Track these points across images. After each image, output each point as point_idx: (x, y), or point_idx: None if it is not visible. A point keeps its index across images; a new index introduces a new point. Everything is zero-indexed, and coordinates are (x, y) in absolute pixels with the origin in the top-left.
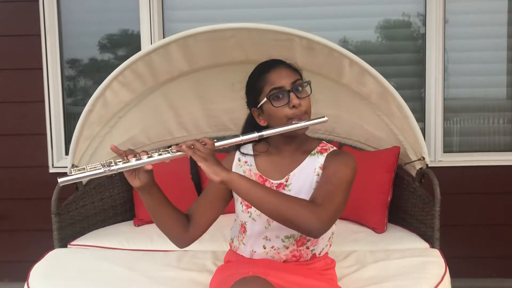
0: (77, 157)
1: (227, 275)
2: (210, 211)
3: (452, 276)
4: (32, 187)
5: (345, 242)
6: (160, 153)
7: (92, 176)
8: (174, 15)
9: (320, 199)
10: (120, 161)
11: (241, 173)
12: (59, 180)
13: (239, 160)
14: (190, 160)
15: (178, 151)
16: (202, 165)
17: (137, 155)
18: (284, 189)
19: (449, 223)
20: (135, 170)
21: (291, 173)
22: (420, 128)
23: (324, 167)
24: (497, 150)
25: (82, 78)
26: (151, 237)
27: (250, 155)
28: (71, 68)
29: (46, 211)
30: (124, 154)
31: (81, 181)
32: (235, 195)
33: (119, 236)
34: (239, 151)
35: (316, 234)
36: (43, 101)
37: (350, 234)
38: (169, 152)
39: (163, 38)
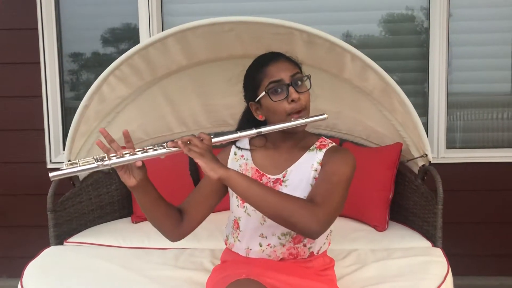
0: (73, 153)
1: (222, 277)
2: (204, 206)
3: (453, 273)
4: (30, 183)
5: (345, 240)
6: (155, 148)
7: (85, 171)
8: (173, 9)
9: (319, 199)
10: (114, 156)
11: (237, 167)
12: (50, 174)
13: (235, 154)
14: None
15: (174, 146)
16: (199, 161)
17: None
18: (281, 185)
19: (451, 220)
20: (128, 169)
21: (289, 169)
22: (423, 123)
23: (322, 164)
24: (501, 146)
25: (85, 72)
26: (148, 234)
27: (247, 149)
28: (73, 62)
29: (44, 207)
30: (109, 150)
31: (78, 177)
32: (230, 190)
33: (116, 234)
34: (235, 145)
35: (314, 235)
36: (41, 96)
37: (351, 232)
38: (164, 148)
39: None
